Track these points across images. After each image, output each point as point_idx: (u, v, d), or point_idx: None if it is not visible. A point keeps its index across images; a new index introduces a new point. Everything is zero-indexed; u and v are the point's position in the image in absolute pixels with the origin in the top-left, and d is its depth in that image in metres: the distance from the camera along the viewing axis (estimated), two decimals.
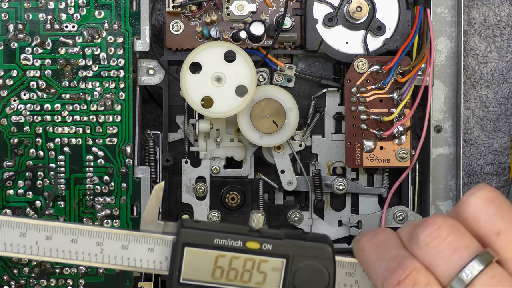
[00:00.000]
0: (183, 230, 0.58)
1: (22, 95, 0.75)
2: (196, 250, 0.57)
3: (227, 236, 0.58)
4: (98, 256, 0.59)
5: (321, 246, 0.57)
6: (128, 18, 0.76)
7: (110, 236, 0.59)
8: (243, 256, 0.58)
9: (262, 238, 0.58)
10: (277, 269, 0.58)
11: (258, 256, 0.57)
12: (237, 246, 0.57)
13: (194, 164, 0.79)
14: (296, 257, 0.57)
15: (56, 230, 0.59)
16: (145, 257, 0.59)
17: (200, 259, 0.58)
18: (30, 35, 0.75)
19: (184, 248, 0.57)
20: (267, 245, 0.57)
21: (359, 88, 0.76)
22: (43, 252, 0.59)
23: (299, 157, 0.80)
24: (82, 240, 0.59)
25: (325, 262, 0.57)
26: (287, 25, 0.77)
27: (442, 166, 0.79)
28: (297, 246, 0.57)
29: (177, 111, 0.80)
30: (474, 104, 0.85)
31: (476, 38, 0.84)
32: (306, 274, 0.57)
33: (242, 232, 0.58)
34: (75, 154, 0.76)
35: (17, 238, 0.59)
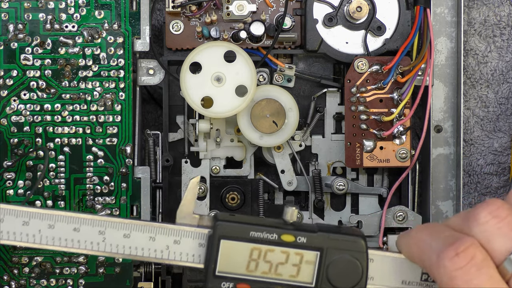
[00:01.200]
0: (220, 223, 0.59)
1: (22, 95, 0.75)
2: (232, 243, 0.58)
3: (262, 229, 0.58)
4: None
5: (354, 239, 0.58)
6: (128, 18, 0.76)
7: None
8: (278, 249, 0.58)
9: (296, 231, 0.59)
10: (311, 261, 0.58)
11: (293, 249, 0.58)
12: (272, 239, 0.58)
13: (194, 164, 0.79)
14: (330, 250, 0.58)
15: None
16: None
17: (235, 251, 0.58)
18: (30, 35, 0.75)
19: (220, 241, 0.58)
20: (301, 238, 0.58)
21: (359, 88, 0.76)
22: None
23: (299, 157, 0.80)
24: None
25: (358, 255, 0.58)
26: (287, 25, 0.77)
27: (442, 166, 0.79)
28: (331, 239, 0.58)
29: (177, 111, 0.80)
30: (474, 104, 0.85)
31: (476, 38, 0.84)
32: (340, 267, 0.58)
33: (277, 225, 0.59)
34: (75, 154, 0.76)
35: (20, 226, 0.60)
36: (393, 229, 0.80)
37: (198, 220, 0.60)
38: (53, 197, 0.76)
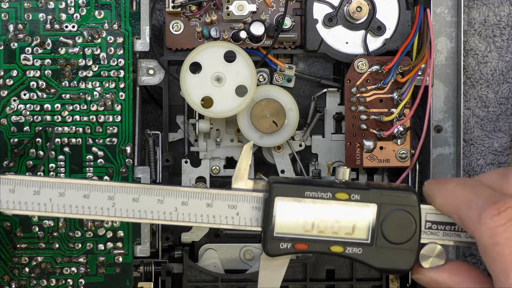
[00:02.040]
0: (275, 185, 0.60)
1: (22, 95, 0.75)
2: (287, 203, 0.60)
3: (317, 188, 0.60)
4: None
5: (406, 195, 0.60)
6: (128, 18, 0.76)
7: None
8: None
9: (350, 189, 0.60)
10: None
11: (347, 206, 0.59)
12: (327, 198, 0.59)
13: (194, 164, 0.79)
14: (383, 206, 0.59)
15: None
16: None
17: (292, 212, 0.60)
18: (30, 35, 0.75)
19: (276, 201, 0.60)
20: (355, 195, 0.60)
21: (359, 88, 0.76)
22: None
23: (299, 157, 0.80)
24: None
25: (411, 209, 0.59)
26: (287, 25, 0.77)
27: (442, 166, 0.79)
28: (384, 195, 0.60)
29: (177, 111, 0.80)
30: (474, 104, 0.85)
31: (476, 38, 0.84)
32: (394, 222, 0.59)
33: (330, 185, 0.60)
34: (75, 154, 0.76)
35: (31, 196, 0.61)
36: None
37: (254, 184, 0.61)
38: None
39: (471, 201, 0.56)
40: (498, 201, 0.54)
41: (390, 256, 0.60)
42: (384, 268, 0.60)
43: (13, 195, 0.61)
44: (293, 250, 0.60)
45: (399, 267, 0.60)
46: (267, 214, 0.60)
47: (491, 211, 0.54)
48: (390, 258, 0.60)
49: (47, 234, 0.76)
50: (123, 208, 0.61)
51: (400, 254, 0.60)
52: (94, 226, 0.76)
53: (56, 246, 0.76)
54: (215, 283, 0.78)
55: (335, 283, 0.78)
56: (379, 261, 0.60)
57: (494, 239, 0.53)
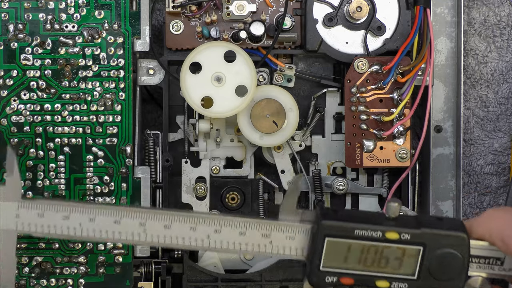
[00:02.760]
0: (325, 222, 0.59)
1: (22, 95, 0.75)
2: (336, 240, 0.59)
3: (367, 227, 0.59)
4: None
5: (456, 234, 0.59)
6: (128, 18, 0.76)
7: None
8: (382, 245, 0.59)
9: (400, 227, 0.59)
10: (414, 255, 0.59)
11: (396, 244, 0.59)
12: (377, 237, 0.59)
13: (194, 164, 0.79)
14: (432, 245, 0.59)
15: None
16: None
17: (339, 248, 0.59)
18: (30, 35, 0.75)
19: (325, 238, 0.59)
20: (405, 235, 0.59)
21: (359, 88, 0.76)
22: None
23: (299, 157, 0.80)
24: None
25: (460, 248, 0.59)
26: (287, 25, 0.77)
27: (442, 166, 0.79)
28: (434, 234, 0.59)
29: (177, 111, 0.80)
30: (474, 104, 0.85)
31: (476, 38, 0.84)
32: (442, 260, 0.59)
33: (380, 223, 0.59)
34: (75, 154, 0.76)
35: (61, 220, 0.60)
36: None
37: (301, 215, 0.61)
38: (53, 197, 0.76)
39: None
40: None
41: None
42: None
43: (41, 220, 0.61)
44: (339, 283, 0.60)
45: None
46: (315, 248, 0.59)
47: None
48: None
49: None
50: (154, 234, 0.61)
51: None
52: None
53: (56, 246, 0.76)
54: (215, 283, 0.78)
55: None
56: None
57: None
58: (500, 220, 0.57)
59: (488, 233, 0.58)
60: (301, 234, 0.60)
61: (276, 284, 0.78)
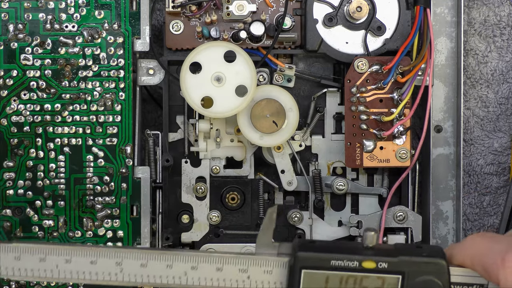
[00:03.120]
0: (301, 253, 0.59)
1: (22, 95, 0.75)
2: (313, 272, 0.59)
3: (343, 257, 0.59)
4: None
5: (436, 261, 0.58)
6: (128, 18, 0.76)
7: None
8: (360, 275, 0.59)
9: (377, 256, 0.59)
10: (393, 284, 0.59)
11: (374, 274, 0.58)
12: (354, 266, 0.58)
13: (194, 164, 0.79)
14: (411, 273, 0.58)
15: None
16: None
17: (317, 280, 0.59)
18: (30, 35, 0.75)
19: (301, 270, 0.59)
20: (382, 263, 0.58)
21: (359, 88, 0.76)
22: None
23: (299, 157, 0.80)
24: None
25: (440, 276, 0.58)
26: (287, 25, 0.77)
27: (442, 166, 0.79)
28: (412, 262, 0.58)
29: (177, 111, 0.80)
30: (474, 104, 0.85)
31: (476, 38, 0.84)
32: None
33: (358, 252, 0.59)
34: (75, 154, 0.76)
35: (37, 263, 0.60)
36: (393, 229, 0.80)
37: (278, 248, 0.60)
38: (53, 197, 0.76)
39: (492, 247, 0.55)
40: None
41: None
42: None
43: (18, 263, 0.60)
44: None
45: None
46: (292, 281, 0.59)
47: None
48: None
49: (47, 234, 0.76)
50: (131, 274, 0.60)
51: None
52: (94, 226, 0.76)
53: None
54: None
55: None
56: None
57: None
58: (481, 246, 0.57)
59: (469, 259, 0.57)
60: (278, 268, 0.59)
61: None
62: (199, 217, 0.80)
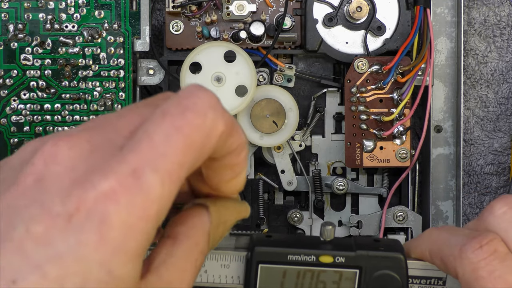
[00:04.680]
0: (257, 248, 0.59)
1: (22, 95, 0.75)
2: (270, 266, 0.58)
3: (300, 251, 0.58)
4: None
5: (393, 255, 0.58)
6: (128, 18, 0.76)
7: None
8: (317, 270, 0.58)
9: (334, 251, 0.58)
10: (351, 279, 0.59)
11: (332, 268, 0.58)
12: (311, 261, 0.58)
13: None
14: (369, 268, 0.58)
15: None
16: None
17: (274, 274, 0.59)
18: (30, 35, 0.75)
19: (258, 265, 0.58)
20: (340, 258, 0.58)
21: (359, 88, 0.76)
22: None
23: (299, 157, 0.80)
24: None
25: (398, 270, 0.58)
26: (287, 25, 0.77)
27: (442, 166, 0.79)
28: (370, 256, 0.58)
29: None
30: (474, 104, 0.85)
31: (476, 38, 0.84)
32: (380, 283, 0.58)
33: (314, 247, 0.59)
34: None
35: None
36: (393, 229, 0.80)
37: (235, 241, 0.60)
38: None
39: (450, 239, 0.55)
40: (478, 236, 0.53)
41: None
42: None
43: None
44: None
45: None
46: (249, 276, 0.59)
47: (472, 245, 0.53)
48: None
49: None
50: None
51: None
52: None
53: None
54: None
55: None
56: None
57: (477, 274, 0.52)
58: (438, 239, 0.56)
59: (427, 253, 0.57)
60: (236, 262, 0.59)
61: None
62: None
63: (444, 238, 0.56)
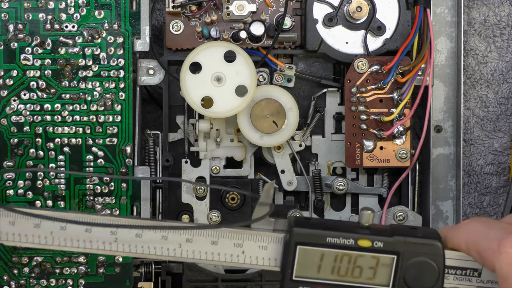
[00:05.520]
0: (296, 229, 0.59)
1: (22, 95, 0.75)
2: (308, 248, 0.59)
3: (339, 234, 0.59)
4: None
5: (431, 242, 0.59)
6: (128, 18, 0.76)
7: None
8: (355, 254, 0.59)
9: (373, 235, 0.59)
10: (388, 265, 0.59)
11: (369, 253, 0.58)
12: (349, 244, 0.59)
13: (194, 164, 0.79)
14: (406, 254, 0.58)
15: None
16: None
17: (312, 256, 0.59)
18: (30, 35, 0.75)
19: (296, 247, 0.58)
20: (378, 242, 0.59)
21: (359, 88, 0.76)
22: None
23: (299, 157, 0.80)
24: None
25: (435, 257, 0.58)
26: (287, 25, 0.77)
27: (442, 166, 0.79)
28: (407, 242, 0.58)
29: (177, 111, 0.80)
30: (474, 104, 0.85)
31: (476, 38, 0.84)
32: (417, 269, 0.58)
33: (353, 230, 0.59)
34: (75, 154, 0.76)
35: (32, 229, 0.60)
36: None
37: (274, 224, 0.60)
38: (53, 197, 0.76)
39: (488, 233, 0.56)
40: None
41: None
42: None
43: (13, 228, 0.60)
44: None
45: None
46: (287, 257, 0.59)
47: (511, 239, 0.53)
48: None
49: None
50: (125, 243, 0.60)
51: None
52: None
53: None
54: (215, 283, 0.78)
55: None
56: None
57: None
58: (475, 231, 0.57)
59: (464, 244, 0.57)
60: (274, 244, 0.59)
61: (276, 284, 0.78)
62: (199, 217, 0.80)
63: (481, 231, 0.56)
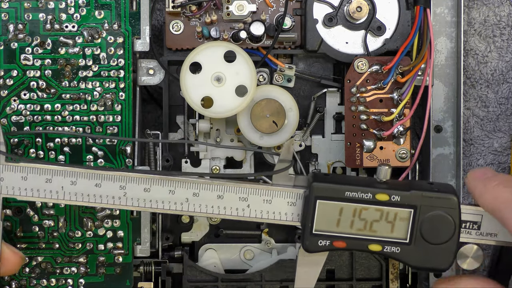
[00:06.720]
0: (316, 184, 0.60)
1: (22, 95, 0.75)
2: (328, 202, 0.60)
3: (357, 189, 0.60)
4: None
5: (447, 196, 0.60)
6: (128, 18, 0.76)
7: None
8: (373, 207, 0.60)
9: (390, 190, 0.60)
10: (405, 218, 0.60)
11: (387, 207, 0.59)
12: (367, 198, 0.60)
13: (194, 164, 0.79)
14: (423, 207, 0.60)
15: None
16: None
17: (331, 210, 0.60)
18: (30, 35, 0.75)
19: (316, 201, 0.60)
20: (395, 196, 0.60)
21: (359, 88, 0.76)
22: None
23: (299, 157, 0.80)
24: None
25: (451, 211, 0.60)
26: (287, 25, 0.77)
27: (442, 166, 0.79)
28: (424, 196, 0.60)
29: (177, 111, 0.80)
30: (474, 104, 0.85)
31: (476, 38, 0.84)
32: (433, 223, 0.60)
33: (371, 185, 0.60)
34: (75, 154, 0.76)
35: (43, 183, 0.62)
36: None
37: (294, 180, 0.62)
38: None
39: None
40: None
41: (428, 255, 0.61)
42: (422, 267, 0.61)
43: (25, 183, 0.62)
44: (332, 247, 0.61)
45: (437, 266, 0.61)
46: (307, 211, 0.60)
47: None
48: (428, 257, 0.61)
49: (47, 234, 0.76)
50: (134, 198, 0.62)
51: (438, 254, 0.60)
52: (94, 226, 0.76)
53: (56, 246, 0.76)
54: (215, 283, 0.78)
55: (335, 283, 0.78)
56: (417, 261, 0.61)
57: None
58: (500, 197, 0.57)
59: (488, 207, 0.58)
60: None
61: (276, 284, 0.78)
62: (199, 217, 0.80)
63: (506, 199, 0.57)
